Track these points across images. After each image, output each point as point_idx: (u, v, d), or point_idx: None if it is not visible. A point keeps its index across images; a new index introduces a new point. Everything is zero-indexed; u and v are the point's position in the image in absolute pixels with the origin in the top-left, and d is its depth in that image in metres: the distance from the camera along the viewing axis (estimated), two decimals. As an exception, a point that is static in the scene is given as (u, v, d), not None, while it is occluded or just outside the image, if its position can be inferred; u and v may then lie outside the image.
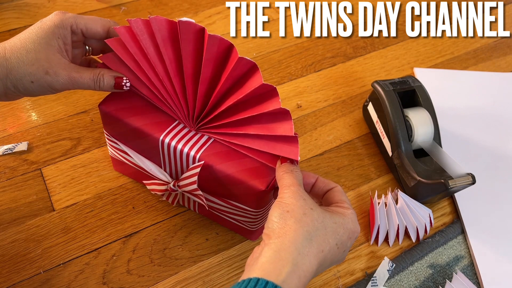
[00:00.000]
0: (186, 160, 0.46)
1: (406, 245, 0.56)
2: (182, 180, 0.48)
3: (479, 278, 0.54)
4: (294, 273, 0.34)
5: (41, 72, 0.41)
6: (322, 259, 0.37)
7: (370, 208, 0.58)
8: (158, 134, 0.46)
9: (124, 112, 0.47)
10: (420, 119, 0.59)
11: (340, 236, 0.38)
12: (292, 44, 0.78)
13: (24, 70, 0.41)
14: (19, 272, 0.49)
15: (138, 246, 0.53)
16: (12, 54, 0.41)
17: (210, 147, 0.46)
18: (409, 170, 0.57)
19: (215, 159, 0.45)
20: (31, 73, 0.41)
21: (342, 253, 0.39)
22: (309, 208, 0.37)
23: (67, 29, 0.43)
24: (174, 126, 0.47)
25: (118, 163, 0.56)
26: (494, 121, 0.70)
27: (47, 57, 0.42)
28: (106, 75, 0.44)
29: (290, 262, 0.34)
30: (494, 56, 0.81)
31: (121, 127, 0.48)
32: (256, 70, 0.40)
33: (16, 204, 0.54)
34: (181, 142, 0.46)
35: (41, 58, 0.41)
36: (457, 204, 0.60)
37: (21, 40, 0.42)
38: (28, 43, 0.42)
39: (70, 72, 0.43)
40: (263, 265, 0.34)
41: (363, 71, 0.76)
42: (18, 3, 0.77)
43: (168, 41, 0.41)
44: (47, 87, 0.43)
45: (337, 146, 0.65)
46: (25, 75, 0.41)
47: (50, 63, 0.42)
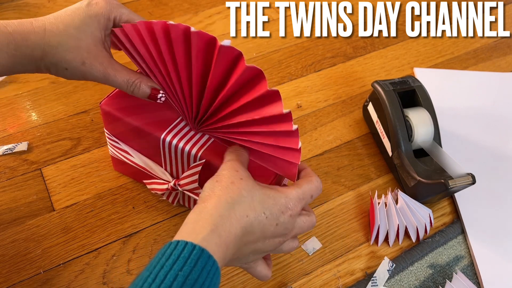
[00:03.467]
0: (187, 158, 0.47)
1: (406, 245, 0.56)
2: (183, 179, 0.48)
3: (479, 278, 0.54)
4: (214, 232, 0.34)
5: (78, 61, 0.40)
6: (248, 224, 0.37)
7: (370, 208, 0.58)
8: (159, 133, 0.46)
9: (125, 111, 0.47)
10: (420, 119, 0.59)
11: (268, 206, 0.38)
12: (292, 44, 0.78)
13: (62, 56, 0.40)
14: (19, 272, 0.50)
15: (138, 246, 0.53)
16: (52, 37, 0.39)
17: (211, 146, 0.46)
18: (409, 170, 0.57)
19: (216, 157, 0.45)
20: (68, 60, 0.40)
21: (275, 226, 0.39)
22: (238, 178, 0.38)
23: (111, 20, 0.42)
24: (175, 125, 0.47)
25: (119, 163, 0.56)
26: (494, 121, 0.70)
27: (88, 47, 0.40)
28: (144, 83, 0.43)
29: (210, 222, 0.35)
30: (494, 56, 0.81)
31: (122, 126, 0.48)
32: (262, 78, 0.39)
33: (16, 204, 0.54)
34: (182, 141, 0.46)
35: (82, 46, 0.40)
36: (457, 204, 0.60)
37: (64, 23, 0.40)
38: (71, 28, 0.40)
39: (106, 68, 0.41)
40: (185, 228, 0.35)
41: (363, 71, 0.76)
42: (18, 3, 0.77)
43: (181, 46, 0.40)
44: (80, 76, 0.42)
45: (337, 146, 0.65)
46: (61, 61, 0.40)
47: (89, 53, 0.40)
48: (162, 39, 0.39)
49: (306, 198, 0.41)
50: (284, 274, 0.52)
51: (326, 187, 0.60)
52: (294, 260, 0.53)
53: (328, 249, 0.55)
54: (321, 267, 0.53)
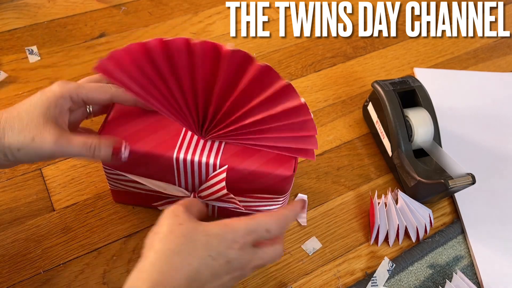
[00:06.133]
0: (206, 169, 0.45)
1: (406, 245, 0.56)
2: (205, 190, 0.47)
3: (479, 278, 0.54)
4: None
5: (28, 139, 0.41)
6: (193, 272, 0.36)
7: (370, 208, 0.58)
8: (170, 152, 0.45)
9: (126, 140, 0.44)
10: (420, 119, 0.59)
11: (214, 246, 0.37)
12: (292, 44, 0.78)
13: (13, 138, 0.41)
14: (19, 272, 0.50)
15: (138, 246, 0.53)
16: (5, 123, 0.41)
17: (225, 150, 0.45)
18: (409, 170, 0.57)
19: (234, 159, 0.45)
20: (18, 140, 0.41)
21: (227, 264, 0.37)
22: (177, 224, 0.37)
23: (66, 99, 0.43)
24: (182, 140, 0.46)
25: (121, 194, 0.53)
26: (494, 121, 0.70)
27: (37, 125, 0.41)
28: (103, 144, 0.43)
29: (149, 280, 0.34)
30: (494, 56, 0.82)
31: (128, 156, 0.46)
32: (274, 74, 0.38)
33: (16, 204, 0.54)
34: (196, 154, 0.45)
35: (31, 125, 0.41)
36: (457, 204, 0.60)
37: (18, 110, 0.42)
38: (23, 113, 0.41)
39: (58, 138, 0.41)
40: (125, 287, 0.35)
41: (363, 71, 0.76)
42: (18, 3, 0.77)
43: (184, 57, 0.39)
44: (33, 155, 0.41)
45: (337, 146, 0.65)
46: (13, 142, 0.41)
47: (39, 130, 0.41)
48: (160, 55, 0.38)
49: (259, 231, 0.39)
50: (284, 274, 0.52)
51: (326, 187, 0.60)
52: (294, 260, 0.53)
53: (328, 249, 0.55)
54: (321, 267, 0.53)
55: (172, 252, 0.36)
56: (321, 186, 0.60)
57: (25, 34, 0.73)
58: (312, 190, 0.60)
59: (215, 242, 0.37)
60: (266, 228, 0.39)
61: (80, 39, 0.73)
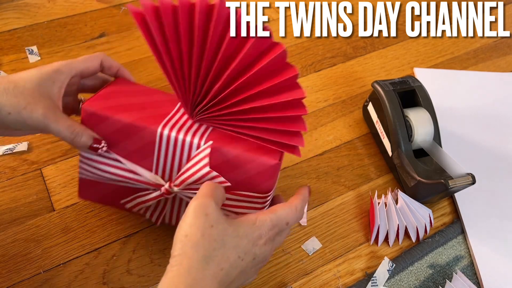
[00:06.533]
0: (189, 150, 0.44)
1: (406, 245, 0.56)
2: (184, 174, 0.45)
3: (479, 278, 0.54)
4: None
5: (21, 105, 0.41)
6: (224, 275, 0.37)
7: (370, 208, 0.58)
8: (155, 126, 0.44)
9: (112, 109, 0.44)
10: (420, 119, 0.59)
11: (242, 248, 0.38)
12: (292, 44, 0.78)
13: (6, 100, 0.41)
14: (19, 272, 0.50)
15: (138, 246, 0.53)
16: (2, 85, 0.41)
17: (212, 133, 0.44)
18: (409, 170, 0.57)
19: (219, 142, 0.44)
20: (11, 104, 0.41)
21: (253, 260, 0.39)
22: (209, 227, 0.37)
23: (63, 73, 0.44)
24: (170, 119, 0.45)
25: (89, 186, 0.50)
26: (494, 121, 0.70)
27: (33, 94, 0.41)
28: (86, 133, 0.44)
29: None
30: (494, 56, 0.82)
31: (109, 127, 0.45)
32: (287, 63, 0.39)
33: (16, 204, 0.54)
34: (181, 132, 0.44)
35: (26, 94, 0.41)
36: (457, 204, 0.60)
37: (19, 76, 0.42)
38: (20, 80, 0.42)
39: (47, 112, 0.42)
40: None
41: (363, 71, 0.76)
42: (18, 3, 0.77)
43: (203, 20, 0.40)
44: (21, 122, 0.42)
45: (337, 146, 0.65)
46: (5, 105, 0.41)
47: (32, 99, 0.41)
48: (185, 14, 0.39)
49: (280, 225, 0.41)
50: (284, 274, 0.52)
51: (326, 187, 0.60)
52: (294, 260, 0.53)
53: (328, 249, 0.55)
54: (321, 267, 0.53)
55: (205, 259, 0.36)
56: (321, 186, 0.60)
57: (25, 34, 0.73)
58: (312, 190, 0.60)
59: (244, 242, 0.38)
60: (286, 221, 0.41)
61: (80, 39, 0.73)
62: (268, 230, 0.40)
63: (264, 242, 0.39)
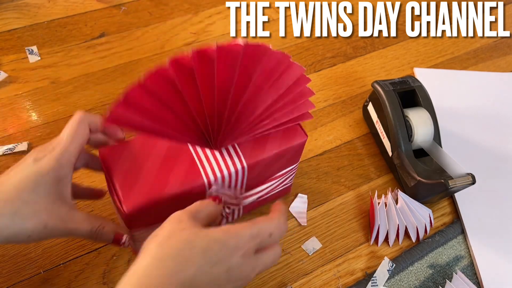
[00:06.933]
0: (236, 176, 0.45)
1: (406, 245, 0.56)
2: (249, 197, 0.49)
3: (479, 278, 0.54)
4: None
5: (41, 227, 0.37)
6: (187, 279, 0.34)
7: (370, 208, 0.58)
8: (199, 180, 0.42)
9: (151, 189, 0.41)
10: (420, 119, 0.59)
11: (214, 253, 0.35)
12: (292, 44, 0.78)
13: (21, 226, 0.37)
14: (19, 271, 0.50)
15: (138, 246, 0.53)
16: (5, 206, 0.36)
17: (242, 151, 0.45)
18: (409, 170, 0.57)
19: (256, 153, 0.45)
20: (29, 228, 0.37)
21: (227, 272, 0.35)
22: (179, 230, 0.35)
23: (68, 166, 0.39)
24: (201, 163, 0.43)
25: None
26: (494, 121, 0.70)
27: (46, 209, 0.38)
28: (107, 228, 0.42)
29: (137, 285, 0.33)
30: (494, 56, 0.82)
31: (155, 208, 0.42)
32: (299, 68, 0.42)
33: (16, 204, 0.54)
34: (223, 169, 0.43)
35: (41, 210, 0.38)
36: (457, 204, 0.60)
37: (17, 188, 0.37)
38: (25, 193, 0.37)
39: (67, 224, 0.39)
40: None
41: (363, 71, 0.76)
42: (18, 3, 0.77)
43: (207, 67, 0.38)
44: (43, 238, 0.39)
45: (337, 146, 0.65)
46: (22, 230, 0.37)
47: (49, 215, 0.38)
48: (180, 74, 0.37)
49: (262, 236, 0.37)
50: (284, 274, 0.52)
51: (326, 187, 0.60)
52: (294, 260, 0.53)
53: (328, 249, 0.55)
54: (321, 267, 0.53)
55: (167, 257, 0.34)
56: (321, 186, 0.60)
57: (25, 34, 0.73)
58: (312, 190, 0.60)
59: (216, 248, 0.35)
60: (269, 232, 0.38)
61: (80, 39, 0.73)
62: (246, 241, 0.36)
63: (242, 254, 0.36)
